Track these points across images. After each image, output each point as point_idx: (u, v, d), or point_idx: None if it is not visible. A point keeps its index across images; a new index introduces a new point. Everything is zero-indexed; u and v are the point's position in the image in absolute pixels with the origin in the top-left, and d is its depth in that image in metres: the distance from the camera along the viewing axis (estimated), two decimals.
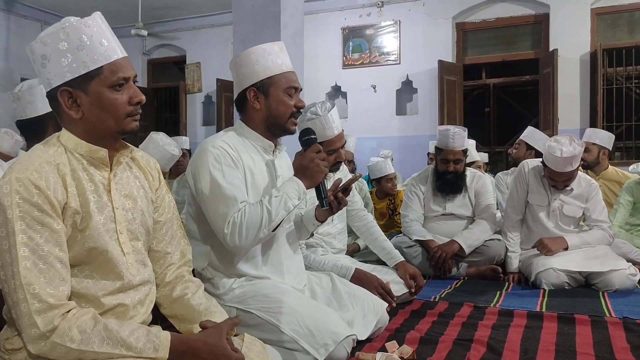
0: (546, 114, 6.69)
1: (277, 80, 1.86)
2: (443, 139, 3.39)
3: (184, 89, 8.89)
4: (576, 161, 3.02)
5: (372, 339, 2.04)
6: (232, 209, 1.73)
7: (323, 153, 1.83)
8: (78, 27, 1.21)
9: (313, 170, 1.80)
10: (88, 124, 1.24)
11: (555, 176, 3.09)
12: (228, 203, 1.73)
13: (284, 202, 1.74)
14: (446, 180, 3.45)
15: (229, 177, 1.76)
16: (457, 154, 3.39)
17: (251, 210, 1.73)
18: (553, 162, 3.03)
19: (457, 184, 3.46)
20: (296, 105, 1.89)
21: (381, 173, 4.25)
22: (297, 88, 1.90)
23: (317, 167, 1.79)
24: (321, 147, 1.85)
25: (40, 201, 1.14)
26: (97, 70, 1.22)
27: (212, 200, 1.75)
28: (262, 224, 1.72)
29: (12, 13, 7.93)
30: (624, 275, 2.91)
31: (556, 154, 2.97)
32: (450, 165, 3.41)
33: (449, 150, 3.38)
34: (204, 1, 7.98)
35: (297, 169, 1.83)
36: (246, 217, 1.72)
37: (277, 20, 3.78)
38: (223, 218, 1.73)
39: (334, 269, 2.42)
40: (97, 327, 1.16)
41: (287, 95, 1.87)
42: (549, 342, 2.04)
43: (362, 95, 7.75)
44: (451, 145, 3.36)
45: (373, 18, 7.73)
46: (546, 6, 6.87)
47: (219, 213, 1.74)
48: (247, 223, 1.71)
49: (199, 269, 1.89)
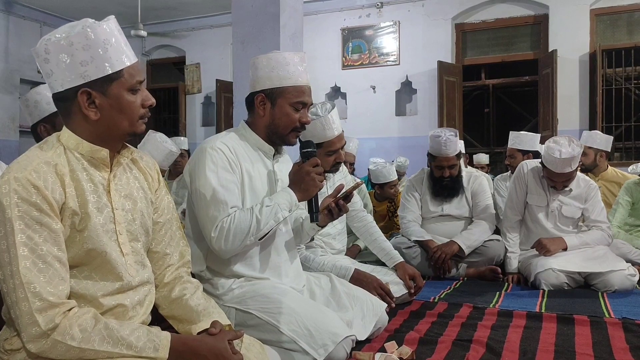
0: (545, 114, 6.69)
1: (287, 92, 1.85)
2: (435, 146, 3.33)
3: (183, 90, 8.89)
4: (575, 162, 3.02)
5: (371, 340, 2.04)
6: (222, 213, 1.74)
7: (320, 167, 1.82)
8: (101, 29, 1.22)
9: (308, 184, 1.79)
10: (102, 125, 1.25)
11: (554, 177, 3.09)
12: (219, 207, 1.74)
13: (274, 212, 1.75)
14: (443, 185, 3.44)
15: (223, 181, 1.77)
16: (451, 160, 3.35)
17: (240, 217, 1.74)
18: (552, 164, 3.03)
19: (454, 188, 3.45)
20: (300, 121, 1.87)
21: (385, 179, 4.22)
22: (307, 104, 1.88)
23: (312, 181, 1.79)
24: (319, 161, 1.83)
25: (39, 201, 1.14)
26: (118, 73, 1.23)
27: (203, 202, 1.77)
28: (250, 232, 1.73)
29: (11, 14, 7.93)
30: (623, 275, 2.91)
31: (555, 155, 2.97)
32: (445, 171, 3.38)
33: (442, 157, 3.35)
34: (204, 2, 7.98)
35: (292, 180, 1.83)
36: (235, 223, 1.73)
37: (277, 21, 3.78)
38: (212, 221, 1.75)
39: (333, 270, 2.42)
40: (98, 326, 1.16)
41: (293, 109, 1.86)
42: (548, 343, 2.04)
43: (361, 96, 7.75)
44: (444, 152, 3.32)
45: (372, 19, 7.73)
46: (545, 7, 6.88)
47: (208, 216, 1.76)
48: (235, 229, 1.72)
49: (197, 271, 1.89)
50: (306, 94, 1.88)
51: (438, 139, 3.30)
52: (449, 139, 3.28)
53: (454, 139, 3.29)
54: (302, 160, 1.83)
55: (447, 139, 3.27)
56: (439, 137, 3.30)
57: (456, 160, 3.39)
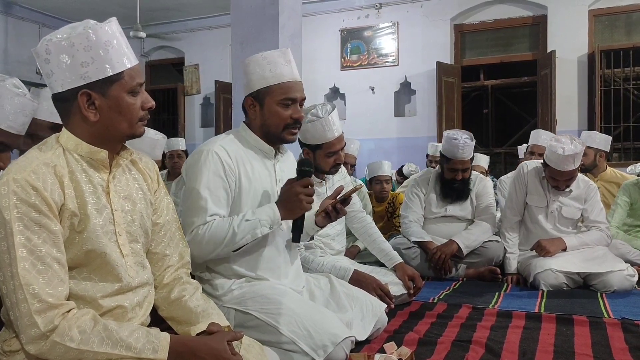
0: (544, 115, 6.70)
1: (273, 91, 1.84)
2: (451, 148, 3.28)
3: (182, 91, 8.89)
4: (578, 159, 3.03)
5: (370, 340, 2.04)
6: (199, 219, 1.75)
7: (312, 189, 1.79)
8: (103, 31, 1.22)
9: (294, 204, 1.77)
10: (101, 126, 1.25)
11: (557, 175, 3.09)
12: (198, 213, 1.75)
13: (253, 227, 1.74)
14: (453, 187, 3.42)
15: (212, 186, 1.77)
16: (466, 164, 3.32)
17: (217, 226, 1.74)
18: (555, 161, 3.03)
19: (464, 191, 3.43)
20: (292, 117, 1.85)
21: (373, 173, 4.20)
22: (296, 99, 1.86)
23: (299, 203, 1.76)
24: (312, 182, 1.80)
25: (38, 202, 1.14)
26: (118, 74, 1.23)
27: (186, 204, 1.79)
28: (224, 242, 1.73)
29: (10, 15, 7.92)
30: (623, 276, 2.91)
31: (558, 151, 2.98)
32: (458, 174, 3.36)
33: (458, 161, 3.30)
34: (203, 3, 7.98)
35: (280, 198, 1.81)
36: (210, 231, 1.73)
37: (276, 22, 3.78)
38: (189, 225, 1.76)
39: (333, 271, 2.41)
40: (97, 327, 1.16)
41: (282, 106, 1.84)
42: (548, 343, 2.04)
43: (360, 97, 7.75)
44: (460, 155, 3.27)
45: (371, 20, 7.74)
46: (544, 8, 6.89)
47: (187, 219, 1.77)
48: (209, 238, 1.73)
49: (196, 273, 1.89)
50: (293, 89, 1.86)
51: (455, 142, 3.25)
52: (466, 142, 3.24)
53: (470, 142, 3.26)
54: (297, 178, 1.80)
55: (464, 142, 3.23)
56: (456, 139, 3.24)
57: (470, 163, 3.37)
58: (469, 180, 3.44)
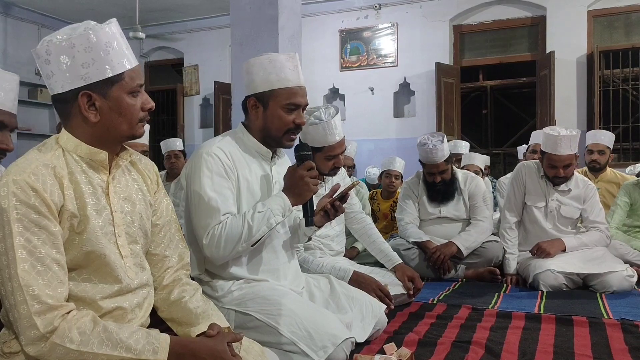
0: (543, 115, 6.70)
1: (278, 95, 1.83)
2: (423, 154, 3.33)
3: (181, 92, 8.88)
4: (574, 145, 3.06)
5: (370, 341, 2.04)
6: (214, 220, 1.74)
7: (315, 171, 1.80)
8: (103, 32, 1.22)
9: (302, 189, 1.77)
10: (102, 127, 1.25)
11: (555, 162, 3.09)
12: (211, 214, 1.74)
13: (267, 218, 1.74)
14: (437, 190, 3.45)
15: (217, 187, 1.77)
16: (440, 166, 3.35)
17: (232, 224, 1.73)
18: (552, 145, 3.05)
19: (448, 192, 3.46)
20: (295, 122, 1.86)
21: (385, 167, 4.36)
22: (299, 105, 1.86)
23: (306, 186, 1.77)
24: (314, 165, 1.81)
25: (37, 203, 1.14)
26: (119, 75, 1.23)
27: (197, 209, 1.77)
28: (242, 238, 1.72)
29: (9, 16, 7.91)
30: (622, 276, 2.92)
31: (554, 133, 3.04)
32: (436, 177, 3.39)
33: (432, 165, 3.35)
34: (202, 4, 7.98)
35: (286, 185, 1.81)
36: (226, 230, 1.72)
37: (275, 23, 3.78)
38: (204, 228, 1.75)
39: (332, 272, 2.41)
40: (97, 329, 1.16)
41: (286, 110, 1.84)
42: (547, 344, 2.04)
43: (359, 98, 7.75)
44: (432, 159, 3.31)
45: (370, 20, 7.74)
46: (543, 8, 6.89)
47: (201, 223, 1.76)
48: (226, 236, 1.72)
49: (195, 275, 1.89)
50: (298, 95, 1.86)
51: (424, 147, 3.30)
52: (435, 145, 3.26)
53: (440, 145, 3.27)
54: (297, 164, 1.81)
55: (433, 146, 3.26)
56: (425, 144, 3.29)
57: (445, 165, 3.37)
58: (452, 181, 3.46)
